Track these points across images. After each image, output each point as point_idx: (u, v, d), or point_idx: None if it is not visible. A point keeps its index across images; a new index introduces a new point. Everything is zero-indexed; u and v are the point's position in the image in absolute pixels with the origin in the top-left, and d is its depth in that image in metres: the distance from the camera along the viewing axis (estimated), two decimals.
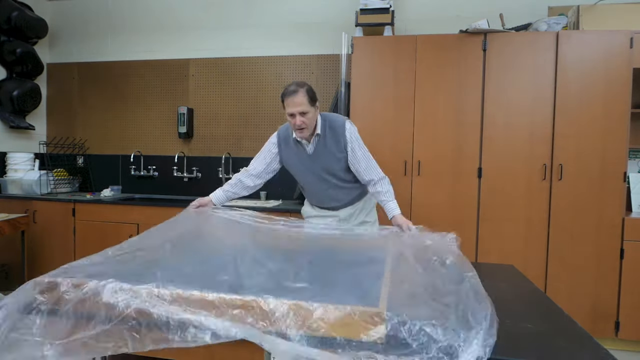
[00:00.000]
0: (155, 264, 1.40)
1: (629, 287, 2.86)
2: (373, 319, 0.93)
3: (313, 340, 0.96)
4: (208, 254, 1.56)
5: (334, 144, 2.09)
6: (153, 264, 1.40)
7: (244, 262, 1.45)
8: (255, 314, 1.01)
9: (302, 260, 1.54)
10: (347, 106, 3.25)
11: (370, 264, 1.51)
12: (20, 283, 1.15)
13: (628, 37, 2.81)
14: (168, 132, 4.12)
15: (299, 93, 1.92)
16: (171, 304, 1.04)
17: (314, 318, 0.95)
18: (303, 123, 1.97)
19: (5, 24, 3.82)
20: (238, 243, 1.71)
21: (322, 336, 0.95)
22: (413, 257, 1.37)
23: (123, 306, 1.03)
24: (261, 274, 1.33)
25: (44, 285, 1.12)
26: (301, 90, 1.93)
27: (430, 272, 1.25)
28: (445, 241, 1.52)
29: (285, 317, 0.97)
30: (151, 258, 1.46)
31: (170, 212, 3.43)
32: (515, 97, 2.95)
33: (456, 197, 3.04)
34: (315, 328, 0.96)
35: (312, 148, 2.11)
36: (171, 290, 1.07)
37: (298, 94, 1.92)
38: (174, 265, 1.45)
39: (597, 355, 0.94)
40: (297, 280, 1.32)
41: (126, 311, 1.03)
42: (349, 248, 1.80)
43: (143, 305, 1.03)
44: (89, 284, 1.09)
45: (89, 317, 1.06)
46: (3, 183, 3.86)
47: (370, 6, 3.16)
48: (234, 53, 3.97)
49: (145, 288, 1.08)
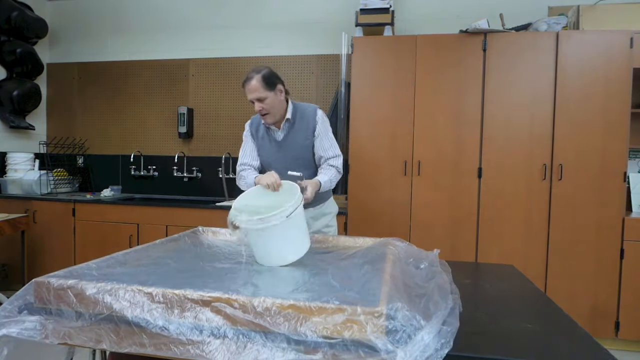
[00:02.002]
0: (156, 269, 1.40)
1: (629, 287, 2.86)
2: (374, 317, 0.93)
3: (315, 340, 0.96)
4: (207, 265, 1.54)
5: (303, 129, 2.10)
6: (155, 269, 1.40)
7: (239, 272, 1.45)
8: (250, 313, 1.00)
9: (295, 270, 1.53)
10: (347, 106, 3.25)
11: (365, 265, 1.52)
12: (20, 283, 1.15)
13: (628, 37, 2.81)
14: (168, 132, 4.12)
15: (253, 79, 1.94)
16: (158, 304, 1.03)
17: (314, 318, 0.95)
18: (263, 109, 1.99)
19: (5, 24, 3.82)
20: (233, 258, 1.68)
21: (324, 336, 0.95)
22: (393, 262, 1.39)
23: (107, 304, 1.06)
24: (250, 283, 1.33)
25: (44, 285, 1.12)
26: (256, 77, 1.95)
27: (405, 274, 1.27)
28: (428, 254, 1.53)
29: (278, 316, 0.97)
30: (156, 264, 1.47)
31: (170, 212, 3.45)
32: (515, 97, 2.95)
33: (456, 197, 3.03)
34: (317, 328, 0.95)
35: (281, 135, 2.12)
36: (163, 290, 1.06)
37: (252, 81, 1.95)
38: (171, 270, 1.44)
39: (597, 355, 0.94)
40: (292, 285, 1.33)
41: (107, 311, 1.05)
42: (338, 254, 1.80)
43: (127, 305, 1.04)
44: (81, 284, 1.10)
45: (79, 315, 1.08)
46: (3, 183, 3.86)
47: (370, 6, 3.16)
48: (234, 53, 3.97)
49: (133, 287, 1.07)
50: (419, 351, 0.86)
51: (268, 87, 1.97)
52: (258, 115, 2.15)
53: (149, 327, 1.02)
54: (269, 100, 1.98)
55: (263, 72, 1.97)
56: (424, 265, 1.43)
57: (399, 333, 0.89)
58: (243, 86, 2.01)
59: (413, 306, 0.99)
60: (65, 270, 1.24)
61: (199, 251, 1.72)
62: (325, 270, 1.43)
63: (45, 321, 1.08)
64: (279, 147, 2.13)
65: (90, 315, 1.07)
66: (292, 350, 0.93)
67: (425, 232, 3.08)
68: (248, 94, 1.99)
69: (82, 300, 1.08)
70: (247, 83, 1.97)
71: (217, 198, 3.88)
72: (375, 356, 0.87)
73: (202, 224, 2.11)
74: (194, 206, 3.45)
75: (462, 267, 1.85)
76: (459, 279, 1.57)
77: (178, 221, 3.38)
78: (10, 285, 3.57)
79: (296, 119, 2.10)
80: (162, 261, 1.51)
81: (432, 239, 3.04)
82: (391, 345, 0.86)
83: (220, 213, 3.34)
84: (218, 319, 0.99)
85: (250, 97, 1.98)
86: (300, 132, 2.10)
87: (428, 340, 0.88)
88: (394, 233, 3.06)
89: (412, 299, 1.08)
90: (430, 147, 3.06)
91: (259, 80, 1.95)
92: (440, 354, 0.88)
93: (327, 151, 2.10)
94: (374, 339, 0.87)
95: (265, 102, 1.98)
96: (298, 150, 2.12)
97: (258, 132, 2.18)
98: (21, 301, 1.11)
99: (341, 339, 0.90)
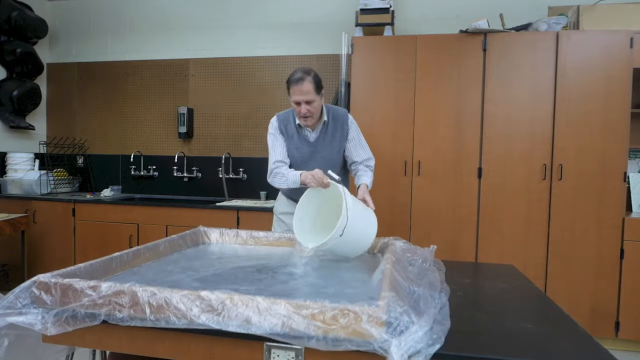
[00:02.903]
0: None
1: (629, 287, 2.86)
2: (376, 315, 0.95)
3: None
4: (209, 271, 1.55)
5: (336, 132, 2.10)
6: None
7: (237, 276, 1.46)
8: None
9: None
10: (347, 106, 3.25)
11: (365, 263, 1.54)
12: (20, 283, 1.15)
13: (628, 37, 2.81)
14: (168, 132, 4.12)
15: (305, 81, 1.89)
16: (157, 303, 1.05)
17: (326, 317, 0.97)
18: (308, 111, 1.95)
19: (5, 24, 3.82)
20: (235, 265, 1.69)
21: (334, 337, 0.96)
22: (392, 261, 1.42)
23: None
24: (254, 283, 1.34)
25: (43, 284, 1.12)
26: (308, 78, 1.90)
27: (402, 272, 1.28)
28: (424, 251, 1.56)
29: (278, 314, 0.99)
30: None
31: (170, 212, 3.45)
32: (515, 97, 2.95)
33: (456, 197, 3.04)
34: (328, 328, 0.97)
35: (314, 136, 2.10)
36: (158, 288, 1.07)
37: (305, 82, 1.89)
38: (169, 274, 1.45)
39: (597, 355, 0.94)
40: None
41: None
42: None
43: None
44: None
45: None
46: (3, 183, 3.86)
47: (370, 6, 3.16)
48: (234, 53, 3.97)
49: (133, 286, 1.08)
50: (413, 341, 0.90)
51: (318, 90, 1.93)
52: (285, 112, 2.13)
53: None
54: (316, 103, 1.95)
55: (313, 74, 1.91)
56: (417, 263, 1.47)
57: (393, 325, 0.93)
58: (288, 85, 1.95)
59: (407, 302, 1.02)
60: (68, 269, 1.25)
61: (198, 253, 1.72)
62: (327, 268, 1.43)
63: (46, 314, 1.09)
64: (310, 148, 2.11)
65: (91, 315, 1.08)
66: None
67: (425, 232, 3.08)
68: (296, 95, 1.92)
69: (82, 298, 1.08)
70: (298, 84, 1.89)
71: (217, 198, 3.88)
72: (371, 345, 0.92)
73: (202, 224, 2.11)
74: (194, 206, 3.45)
75: (462, 267, 1.85)
76: (458, 279, 1.58)
77: (178, 221, 3.39)
78: (10, 285, 3.57)
79: (329, 121, 2.10)
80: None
81: (432, 238, 3.04)
82: (386, 335, 0.91)
83: (220, 213, 3.34)
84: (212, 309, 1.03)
85: (299, 98, 1.92)
86: (334, 135, 2.10)
87: (421, 333, 0.92)
88: (394, 233, 3.05)
89: (406, 295, 1.11)
90: (430, 147, 3.06)
91: (311, 83, 1.89)
92: (432, 349, 0.91)
93: (361, 155, 2.15)
94: (369, 327, 0.91)
95: (313, 105, 1.94)
96: (329, 152, 2.12)
97: (288, 130, 2.12)
98: (25, 294, 1.12)
99: (337, 326, 0.94)
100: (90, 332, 1.11)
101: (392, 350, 0.88)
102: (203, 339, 1.06)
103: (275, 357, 1.02)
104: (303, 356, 1.00)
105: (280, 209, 2.34)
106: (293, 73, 1.95)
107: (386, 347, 0.90)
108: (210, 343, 1.06)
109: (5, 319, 1.06)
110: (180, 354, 1.09)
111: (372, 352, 0.92)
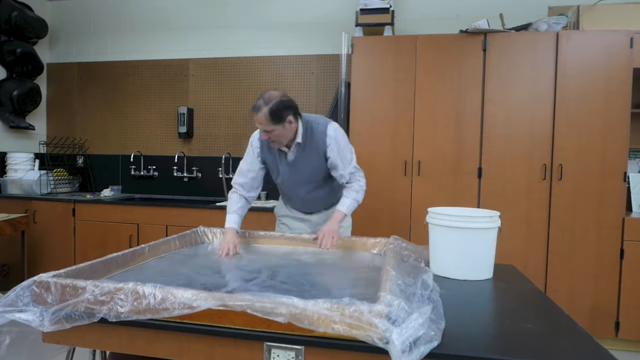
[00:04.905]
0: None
1: (629, 287, 2.85)
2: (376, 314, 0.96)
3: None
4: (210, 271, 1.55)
5: (313, 151, 1.99)
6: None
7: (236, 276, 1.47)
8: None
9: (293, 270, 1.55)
10: (347, 106, 3.25)
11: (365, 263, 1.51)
12: (20, 283, 1.15)
13: (628, 37, 2.81)
14: (168, 132, 4.12)
15: (260, 113, 1.82)
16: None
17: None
18: (269, 139, 1.90)
19: (5, 24, 3.82)
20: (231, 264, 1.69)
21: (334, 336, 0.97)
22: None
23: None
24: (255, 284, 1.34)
25: (43, 283, 1.12)
26: (264, 110, 1.81)
27: (400, 271, 1.30)
28: (422, 248, 1.57)
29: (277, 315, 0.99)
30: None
31: (170, 212, 3.45)
32: (515, 97, 2.95)
33: (456, 197, 3.03)
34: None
35: (292, 155, 2.01)
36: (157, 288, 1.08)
37: (259, 114, 1.82)
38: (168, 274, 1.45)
39: (597, 355, 0.94)
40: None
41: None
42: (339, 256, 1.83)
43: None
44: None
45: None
46: (3, 183, 3.86)
47: (370, 6, 3.16)
48: (234, 53, 3.97)
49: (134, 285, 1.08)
50: (413, 329, 0.93)
51: (275, 121, 1.84)
52: None
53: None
54: (276, 132, 1.87)
55: (271, 106, 1.81)
56: (413, 261, 1.51)
57: (392, 320, 0.96)
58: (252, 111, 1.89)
59: (404, 299, 1.05)
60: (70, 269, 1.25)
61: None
62: (328, 267, 1.43)
63: (45, 312, 1.10)
64: (289, 168, 2.04)
65: (90, 313, 1.08)
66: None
67: (426, 232, 3.07)
68: (255, 123, 1.88)
69: (82, 297, 1.08)
70: (254, 111, 1.85)
71: (217, 198, 3.88)
72: (371, 338, 0.93)
73: (202, 224, 2.12)
74: (194, 206, 3.45)
75: None
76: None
77: (178, 221, 3.39)
78: (10, 285, 3.56)
79: (306, 140, 1.99)
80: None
81: None
82: (388, 324, 0.93)
83: (220, 213, 3.34)
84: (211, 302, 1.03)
85: (256, 125, 1.88)
86: (311, 154, 2.00)
87: (421, 320, 0.96)
88: (394, 233, 3.04)
89: (405, 294, 1.12)
90: (430, 147, 3.06)
91: (266, 115, 1.81)
92: (429, 346, 0.92)
93: (341, 172, 2.02)
94: (371, 317, 0.94)
95: (273, 134, 1.87)
96: (310, 171, 2.05)
97: (270, 148, 2.04)
98: (26, 293, 1.13)
99: (338, 323, 0.96)
100: (90, 332, 1.12)
101: (394, 337, 0.90)
102: (203, 339, 1.06)
103: (275, 357, 1.02)
104: (303, 356, 1.00)
105: (280, 212, 2.35)
106: (258, 97, 1.87)
107: (387, 336, 0.91)
108: (210, 343, 1.06)
109: (6, 316, 1.07)
110: (180, 354, 1.09)
111: (373, 346, 0.93)
